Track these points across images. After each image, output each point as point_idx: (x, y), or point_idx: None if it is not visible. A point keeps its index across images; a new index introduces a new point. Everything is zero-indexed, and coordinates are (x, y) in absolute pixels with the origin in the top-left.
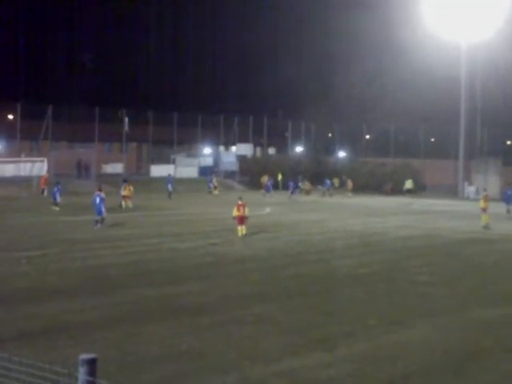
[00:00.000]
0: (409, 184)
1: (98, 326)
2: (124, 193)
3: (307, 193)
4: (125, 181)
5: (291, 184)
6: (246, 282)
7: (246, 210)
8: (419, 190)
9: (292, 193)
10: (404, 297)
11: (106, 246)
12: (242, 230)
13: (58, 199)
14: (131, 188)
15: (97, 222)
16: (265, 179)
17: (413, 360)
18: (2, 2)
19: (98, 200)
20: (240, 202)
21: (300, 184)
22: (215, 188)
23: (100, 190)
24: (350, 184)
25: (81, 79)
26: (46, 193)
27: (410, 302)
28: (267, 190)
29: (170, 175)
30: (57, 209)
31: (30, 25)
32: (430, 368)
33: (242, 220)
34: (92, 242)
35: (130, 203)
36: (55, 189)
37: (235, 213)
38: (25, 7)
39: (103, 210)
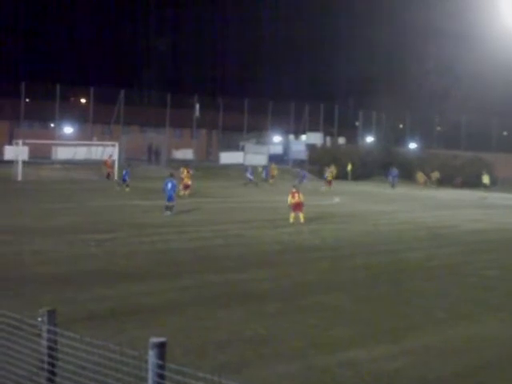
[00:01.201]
0: (485, 179)
1: (166, 310)
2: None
3: (329, 184)
4: (186, 166)
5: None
6: (313, 271)
7: (301, 196)
8: (492, 184)
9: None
10: (472, 291)
11: (173, 231)
12: (293, 216)
13: (128, 180)
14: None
15: (167, 207)
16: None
17: (479, 354)
18: None
19: (169, 186)
20: (294, 190)
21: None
22: (272, 177)
23: (171, 175)
24: (435, 175)
25: (154, 64)
26: (111, 177)
27: (479, 296)
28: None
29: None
30: (127, 189)
31: (104, 9)
32: (496, 363)
33: (297, 206)
34: (160, 226)
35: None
36: (124, 171)
37: (290, 200)
38: None
39: (174, 195)
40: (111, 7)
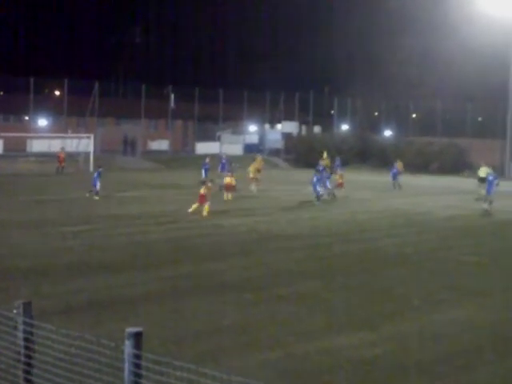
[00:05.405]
0: (482, 172)
1: (142, 301)
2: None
3: (228, 189)
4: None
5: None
6: (290, 260)
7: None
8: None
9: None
10: (449, 276)
11: (150, 222)
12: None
13: (98, 186)
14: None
15: (318, 198)
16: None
17: (457, 340)
18: None
19: (314, 179)
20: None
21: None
22: (259, 171)
23: (317, 171)
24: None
25: (127, 55)
26: (60, 171)
27: (456, 281)
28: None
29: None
30: (97, 198)
31: (78, 1)
32: (474, 348)
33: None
34: (137, 218)
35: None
36: (95, 174)
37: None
38: None
39: (319, 189)
40: None
